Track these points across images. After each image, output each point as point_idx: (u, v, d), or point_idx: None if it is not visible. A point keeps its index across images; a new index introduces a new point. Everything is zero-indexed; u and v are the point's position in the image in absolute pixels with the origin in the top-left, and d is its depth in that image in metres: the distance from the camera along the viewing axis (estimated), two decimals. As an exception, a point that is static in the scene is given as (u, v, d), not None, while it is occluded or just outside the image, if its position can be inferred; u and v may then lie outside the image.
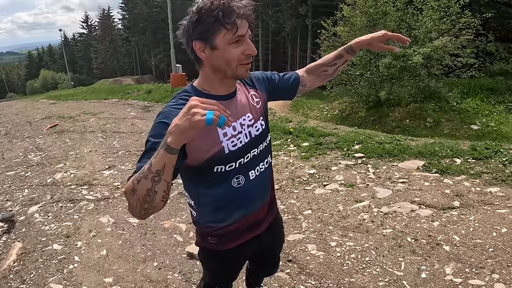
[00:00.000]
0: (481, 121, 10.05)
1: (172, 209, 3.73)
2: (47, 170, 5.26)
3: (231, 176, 1.25)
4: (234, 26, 1.08)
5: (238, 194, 1.29)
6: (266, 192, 1.43)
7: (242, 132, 1.25)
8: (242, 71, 1.18)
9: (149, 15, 53.54)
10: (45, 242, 3.24)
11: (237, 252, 1.45)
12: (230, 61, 1.14)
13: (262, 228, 1.48)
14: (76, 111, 10.31)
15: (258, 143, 1.31)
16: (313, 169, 4.45)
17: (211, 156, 1.19)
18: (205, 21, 1.09)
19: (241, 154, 1.25)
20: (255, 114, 1.31)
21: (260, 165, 1.33)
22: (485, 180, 3.77)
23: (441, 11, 9.69)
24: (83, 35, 72.14)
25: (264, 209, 1.44)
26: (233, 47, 1.12)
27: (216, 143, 1.19)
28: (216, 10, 1.07)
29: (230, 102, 1.24)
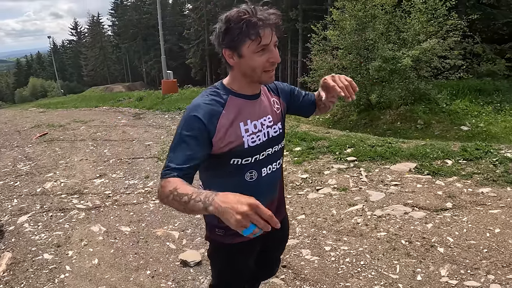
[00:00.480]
0: (471, 122, 10.16)
1: (165, 217, 3.68)
2: (36, 179, 5.17)
3: (245, 169, 1.35)
4: (257, 37, 1.18)
5: (249, 188, 1.36)
6: (274, 191, 1.52)
7: (261, 131, 1.36)
8: (266, 78, 1.28)
9: (139, 21, 53.41)
10: (35, 252, 3.18)
11: (244, 247, 1.49)
12: (255, 68, 1.25)
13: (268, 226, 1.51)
14: (66, 120, 10.18)
15: (274, 144, 1.42)
16: (306, 173, 4.45)
17: (232, 148, 1.29)
18: (232, 32, 1.19)
19: (257, 151, 1.35)
20: (275, 117, 1.43)
21: (272, 165, 1.44)
22: (476, 181, 3.80)
23: (428, 14, 9.82)
24: (73, 42, 71.64)
25: (272, 207, 1.50)
26: (258, 55, 1.22)
27: (238, 137, 1.30)
28: (241, 22, 1.17)
29: (254, 102, 1.37)
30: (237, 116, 1.31)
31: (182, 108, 9.94)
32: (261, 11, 1.20)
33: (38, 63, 77.67)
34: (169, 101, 11.86)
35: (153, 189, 4.44)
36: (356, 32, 10.08)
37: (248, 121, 1.34)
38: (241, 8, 1.19)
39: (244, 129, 1.32)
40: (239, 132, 1.30)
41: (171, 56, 43.52)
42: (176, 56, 47.25)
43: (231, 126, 1.29)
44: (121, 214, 3.83)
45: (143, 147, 6.44)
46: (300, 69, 27.67)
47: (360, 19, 9.93)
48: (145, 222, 3.60)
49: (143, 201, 4.12)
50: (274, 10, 1.23)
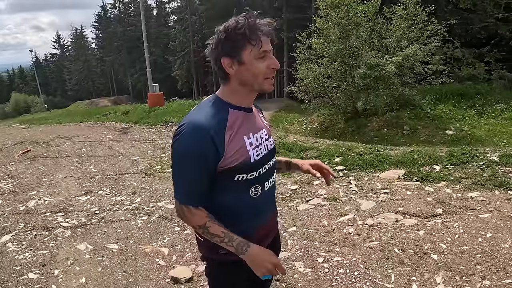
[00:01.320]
0: (455, 126, 10.33)
1: (153, 233, 3.59)
2: (19, 198, 5.03)
3: (251, 185, 1.32)
4: (259, 42, 1.18)
5: (254, 204, 1.35)
6: (274, 204, 1.52)
7: (262, 144, 1.34)
8: (267, 85, 1.27)
9: (124, 33, 53.15)
10: (20, 272, 3.09)
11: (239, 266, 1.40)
12: (257, 75, 1.23)
13: (270, 239, 1.52)
14: (50, 136, 9.98)
15: (271, 157, 1.41)
16: (295, 184, 4.42)
17: (239, 163, 1.25)
18: (233, 39, 1.18)
19: (261, 164, 1.33)
20: (268, 130, 1.43)
21: (272, 177, 1.42)
22: (465, 186, 3.83)
23: (409, 20, 10.02)
24: (56, 55, 70.64)
25: (273, 220, 1.53)
26: (259, 62, 1.21)
27: (244, 151, 1.26)
28: (242, 28, 1.17)
29: (251, 115, 1.34)
30: (241, 129, 1.27)
31: (169, 122, 9.85)
32: (259, 20, 1.21)
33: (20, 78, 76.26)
34: (155, 114, 11.76)
35: (141, 205, 4.34)
36: (340, 40, 10.21)
37: (250, 134, 1.30)
38: (239, 17, 1.19)
39: (248, 142, 1.28)
40: (245, 146, 1.27)
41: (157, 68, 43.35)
42: (162, 68, 47.06)
43: (238, 140, 1.25)
44: (108, 231, 3.72)
45: (130, 162, 6.33)
46: (286, 79, 27.88)
47: (343, 27, 10.07)
48: (133, 239, 3.50)
49: (131, 217, 4.02)
50: (270, 20, 1.24)
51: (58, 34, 68.89)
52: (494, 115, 10.69)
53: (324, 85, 10.74)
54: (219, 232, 1.27)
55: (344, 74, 10.54)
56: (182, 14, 42.86)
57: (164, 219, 3.88)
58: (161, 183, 5.02)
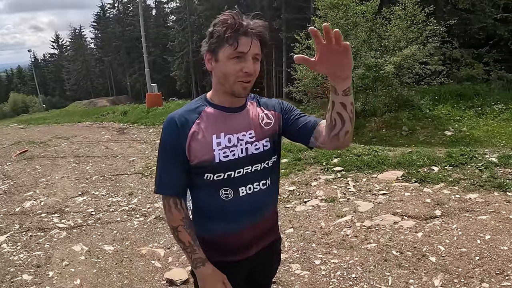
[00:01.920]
0: (454, 126, 10.31)
1: (149, 234, 3.56)
2: (15, 198, 5.00)
3: (219, 186, 1.28)
4: (234, 42, 1.14)
5: (225, 207, 1.29)
6: (259, 215, 1.36)
7: (237, 146, 1.27)
8: (238, 88, 1.21)
9: (122, 33, 53.12)
10: (14, 273, 3.06)
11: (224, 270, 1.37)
12: (227, 75, 1.19)
13: (254, 250, 1.42)
14: (47, 136, 9.94)
15: (255, 162, 1.30)
16: (293, 185, 4.39)
17: (203, 161, 1.24)
18: (214, 35, 1.18)
19: (231, 167, 1.26)
20: (259, 133, 1.31)
21: (254, 184, 1.31)
22: (463, 187, 3.81)
23: (408, 20, 10.00)
24: (54, 55, 70.55)
25: (255, 231, 1.38)
26: (232, 62, 1.17)
27: (208, 150, 1.24)
28: (222, 25, 1.15)
29: (233, 116, 1.29)
30: (210, 127, 1.25)
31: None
32: (246, 19, 1.17)
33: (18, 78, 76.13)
34: (154, 114, 11.73)
35: (137, 206, 4.31)
36: (339, 41, 10.19)
37: (221, 134, 1.25)
38: (227, 13, 1.18)
39: (216, 142, 1.25)
40: (210, 145, 1.24)
41: (156, 68, 43.36)
42: (161, 68, 47.07)
43: (203, 138, 1.24)
44: (104, 232, 3.69)
45: (127, 163, 6.29)
46: (285, 79, 27.87)
47: (342, 27, 10.03)
48: (129, 241, 3.47)
49: (127, 218, 3.99)
50: (262, 22, 1.19)
51: (57, 34, 69.01)
52: (492, 115, 10.67)
53: (323, 86, 10.71)
54: (186, 241, 1.31)
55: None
56: (181, 15, 42.83)
57: (160, 220, 3.85)
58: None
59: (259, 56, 1.22)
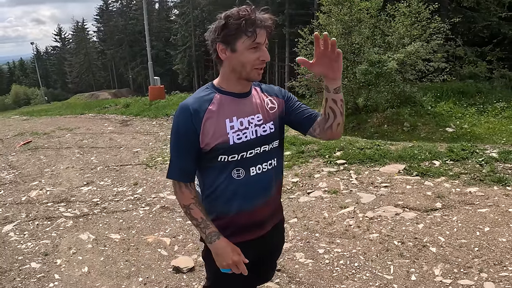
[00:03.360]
0: (455, 123, 10.35)
1: (155, 223, 3.63)
2: (21, 188, 5.05)
3: (231, 166, 1.37)
4: (253, 34, 1.26)
5: (238, 186, 1.39)
6: (267, 193, 1.48)
7: (248, 129, 1.37)
8: (254, 74, 1.33)
9: (125, 27, 53.01)
10: (22, 261, 3.10)
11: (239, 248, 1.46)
12: (245, 64, 1.30)
13: (265, 229, 1.53)
14: (50, 127, 9.98)
15: (263, 143, 1.41)
16: (296, 177, 4.45)
17: (218, 143, 1.33)
18: (230, 27, 1.26)
19: (244, 148, 1.36)
20: (265, 116, 1.42)
21: (263, 165, 1.42)
22: (464, 181, 3.86)
23: (412, 17, 10.01)
24: (56, 48, 70.56)
25: (266, 209, 1.49)
26: (250, 52, 1.29)
27: (223, 133, 1.33)
28: (240, 19, 1.25)
29: (243, 100, 1.40)
30: (223, 112, 1.35)
31: (170, 114, 9.87)
32: (259, 13, 1.29)
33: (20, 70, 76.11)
34: (156, 107, 11.76)
35: (142, 196, 4.38)
36: (342, 36, 10.20)
37: (234, 118, 1.36)
38: (241, 8, 1.27)
39: (229, 125, 1.34)
40: (224, 128, 1.34)
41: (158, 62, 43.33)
42: (163, 62, 47.03)
43: (217, 122, 1.33)
44: (110, 221, 3.76)
45: (131, 154, 6.35)
46: (287, 74, 27.84)
47: (346, 23, 10.06)
48: (135, 229, 3.54)
49: (133, 208, 4.05)
50: (270, 15, 1.32)
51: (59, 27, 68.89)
52: (494, 113, 10.70)
53: (325, 81, 10.75)
54: (198, 217, 1.39)
55: (346, 70, 10.54)
56: (184, 9, 42.72)
57: (165, 209, 3.91)
58: (162, 174, 5.05)
59: (267, 45, 1.36)
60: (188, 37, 41.56)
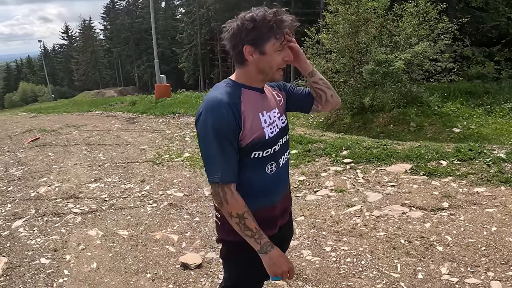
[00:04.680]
0: (462, 124, 10.28)
1: (163, 220, 3.66)
2: (30, 184, 5.11)
3: (267, 162, 1.38)
4: (282, 37, 1.28)
5: (270, 181, 1.42)
6: (287, 182, 1.56)
7: (275, 122, 1.41)
8: (278, 75, 1.37)
9: (132, 25, 53.28)
10: (32, 257, 3.15)
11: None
12: (273, 66, 1.32)
13: (287, 215, 1.60)
14: (58, 124, 10.09)
15: (283, 134, 1.47)
16: (303, 176, 4.46)
17: (254, 139, 1.32)
18: (259, 29, 1.25)
19: (275, 141, 1.40)
20: (280, 109, 1.48)
21: (285, 154, 1.49)
22: (471, 181, 3.86)
23: (420, 17, 9.94)
24: (64, 46, 71.08)
25: (284, 202, 1.55)
26: (277, 54, 1.31)
27: (259, 128, 1.34)
28: (271, 21, 1.25)
29: (263, 96, 1.42)
30: (255, 107, 1.35)
31: (176, 112, 9.91)
32: (284, 15, 1.29)
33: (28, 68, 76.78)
34: (162, 105, 11.82)
35: (150, 193, 4.42)
36: (349, 36, 10.16)
37: (264, 112, 1.38)
38: (267, 10, 1.27)
39: (263, 120, 1.36)
40: (260, 123, 1.34)
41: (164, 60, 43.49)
42: (169, 60, 47.19)
43: (253, 117, 1.33)
44: (118, 218, 3.80)
45: (138, 151, 6.40)
46: (293, 73, 27.81)
47: (353, 23, 10.00)
48: (143, 226, 3.57)
49: (140, 204, 4.10)
50: (294, 17, 1.32)
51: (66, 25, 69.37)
52: (502, 114, 10.62)
53: (332, 80, 10.72)
54: (253, 227, 1.31)
55: (352, 70, 10.50)
56: (190, 7, 42.80)
57: (173, 206, 3.95)
58: (169, 171, 5.09)
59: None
60: (194, 35, 41.65)
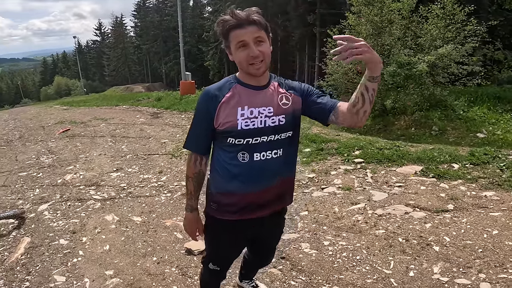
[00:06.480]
0: (488, 129, 10.00)
1: (174, 209, 3.87)
2: (58, 171, 5.45)
3: (237, 149, 1.53)
4: (231, 38, 1.45)
5: (241, 168, 1.54)
6: (270, 180, 1.58)
7: (257, 118, 1.51)
8: (252, 70, 1.48)
9: (160, 23, 54.47)
10: (52, 237, 3.39)
11: (236, 227, 1.66)
12: (240, 62, 1.48)
13: (264, 212, 1.66)
14: (87, 117, 10.58)
15: (271, 133, 1.53)
16: (313, 173, 4.56)
17: (227, 126, 1.49)
18: (220, 33, 1.50)
19: (249, 134, 1.50)
20: (277, 110, 1.54)
21: (267, 152, 1.54)
22: (481, 185, 3.84)
23: (446, 19, 9.74)
24: (96, 42, 73.54)
25: (266, 194, 1.60)
26: (239, 51, 1.45)
27: (233, 118, 1.49)
28: (220, 25, 1.46)
29: (257, 92, 1.55)
30: (237, 101, 1.52)
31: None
32: (237, 13, 1.43)
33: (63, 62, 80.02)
34: (186, 101, 12.13)
35: (166, 183, 4.64)
36: (372, 37, 10.10)
37: (245, 107, 1.51)
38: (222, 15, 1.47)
39: (240, 113, 1.50)
40: (235, 114, 1.50)
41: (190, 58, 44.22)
42: (195, 58, 47.92)
43: (230, 109, 1.50)
44: (134, 205, 4.03)
45: (159, 144, 6.67)
46: (317, 73, 27.64)
47: (376, 24, 9.95)
48: (156, 213, 3.79)
49: (156, 194, 4.32)
50: (255, 9, 1.45)
51: (99, 22, 71.68)
52: (531, 120, 10.26)
53: (353, 81, 10.68)
54: (189, 190, 1.68)
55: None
56: (216, 6, 43.28)
57: (185, 197, 4.13)
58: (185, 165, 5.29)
59: (261, 38, 1.45)
60: (221, 34, 42.06)
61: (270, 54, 1.49)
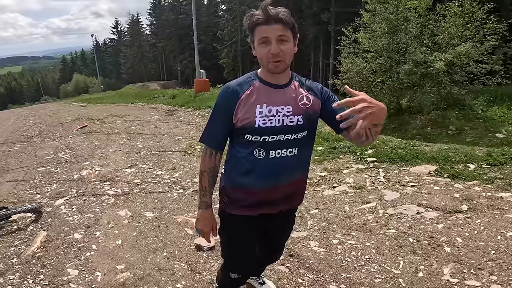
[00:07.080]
0: (507, 129, 9.74)
1: (186, 205, 3.92)
2: (74, 167, 5.57)
3: (254, 146, 1.55)
4: (256, 33, 1.46)
5: (256, 164, 1.56)
6: (282, 178, 1.60)
7: (275, 117, 1.52)
8: (271, 67, 1.49)
9: (175, 21, 54.92)
10: (67, 232, 3.47)
11: (246, 222, 1.68)
12: (261, 58, 1.49)
13: (275, 209, 1.69)
14: (104, 114, 10.77)
15: (288, 132, 1.54)
16: (325, 171, 4.54)
17: (245, 123, 1.52)
18: (246, 27, 1.50)
19: (267, 132, 1.52)
20: (296, 109, 1.55)
21: (282, 151, 1.56)
22: (497, 186, 3.76)
23: (465, 17, 9.52)
24: (113, 40, 74.67)
25: (279, 192, 1.62)
26: (261, 47, 1.46)
27: (251, 116, 1.51)
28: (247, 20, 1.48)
29: (277, 91, 1.56)
30: (256, 98, 1.54)
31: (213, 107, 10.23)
32: (267, 9, 1.42)
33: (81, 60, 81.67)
34: (200, 99, 12.22)
35: (178, 180, 4.70)
36: (387, 35, 9.96)
37: (264, 105, 1.53)
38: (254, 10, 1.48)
39: (258, 110, 1.52)
40: (254, 112, 1.52)
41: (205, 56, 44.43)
42: (210, 56, 48.15)
43: (249, 106, 1.52)
44: (147, 201, 4.10)
45: (173, 141, 6.76)
46: (331, 72, 27.43)
47: (391, 22, 9.80)
48: (168, 209, 3.84)
49: (168, 190, 4.38)
50: (282, 8, 1.44)
51: (116, 21, 72.58)
52: (553, 120, 9.94)
53: (367, 80, 10.56)
54: (203, 186, 1.65)
55: (390, 70, 10.28)
56: (231, 4, 43.41)
57: (197, 193, 4.18)
58: (199, 161, 5.30)
59: (286, 37, 1.45)
60: (235, 32, 42.19)
61: (292, 54, 1.50)
